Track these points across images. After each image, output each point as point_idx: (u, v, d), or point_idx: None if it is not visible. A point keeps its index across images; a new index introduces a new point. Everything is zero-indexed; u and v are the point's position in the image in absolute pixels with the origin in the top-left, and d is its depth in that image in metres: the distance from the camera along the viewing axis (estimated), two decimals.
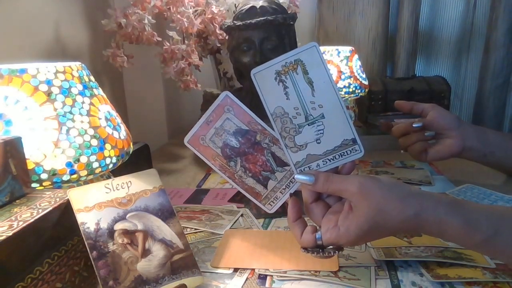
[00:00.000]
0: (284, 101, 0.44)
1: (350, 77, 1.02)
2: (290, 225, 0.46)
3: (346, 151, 0.45)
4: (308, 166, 0.45)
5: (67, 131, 0.45)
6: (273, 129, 0.46)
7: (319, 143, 0.45)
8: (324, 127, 0.44)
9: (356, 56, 1.05)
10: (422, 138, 0.70)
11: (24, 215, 0.35)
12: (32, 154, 0.43)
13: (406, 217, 0.40)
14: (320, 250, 0.43)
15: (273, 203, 0.51)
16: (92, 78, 0.53)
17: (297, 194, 0.48)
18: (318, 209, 0.45)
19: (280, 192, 0.50)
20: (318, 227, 0.45)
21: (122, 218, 0.41)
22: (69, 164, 0.45)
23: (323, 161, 0.45)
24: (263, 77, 0.44)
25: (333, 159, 0.45)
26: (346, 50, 1.03)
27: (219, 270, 0.49)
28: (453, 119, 0.69)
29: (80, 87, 0.48)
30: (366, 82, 1.07)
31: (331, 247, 0.43)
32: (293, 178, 0.47)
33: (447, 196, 0.43)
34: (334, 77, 0.99)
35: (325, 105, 0.44)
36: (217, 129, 0.49)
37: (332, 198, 0.46)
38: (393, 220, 0.40)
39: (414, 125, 0.70)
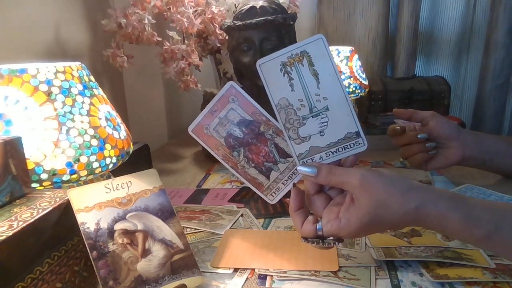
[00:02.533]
0: (289, 93, 0.44)
1: (350, 77, 1.02)
2: (292, 215, 0.46)
3: (350, 144, 0.44)
4: (311, 158, 0.45)
5: (67, 131, 0.45)
6: (277, 120, 0.46)
7: (322, 135, 0.45)
8: (328, 120, 0.44)
9: (356, 56, 1.05)
10: (423, 149, 0.70)
11: (24, 215, 0.35)
12: (32, 154, 0.43)
13: (407, 210, 0.40)
14: (320, 241, 0.43)
15: (275, 194, 0.51)
16: (92, 78, 0.53)
17: None
18: (320, 201, 0.45)
19: (282, 183, 0.50)
20: (319, 218, 0.45)
21: (122, 218, 0.41)
22: (69, 164, 0.45)
23: (326, 154, 0.45)
24: (269, 68, 0.44)
25: (336, 152, 0.45)
26: (346, 50, 1.03)
27: (219, 270, 0.49)
28: (454, 129, 0.69)
29: (80, 87, 0.48)
30: (366, 82, 1.07)
31: (331, 238, 0.43)
32: (296, 169, 0.47)
33: (448, 190, 0.43)
34: None
35: (329, 97, 0.44)
36: (221, 119, 0.49)
37: (334, 191, 0.46)
38: (394, 214, 0.41)
39: (419, 136, 0.69)
